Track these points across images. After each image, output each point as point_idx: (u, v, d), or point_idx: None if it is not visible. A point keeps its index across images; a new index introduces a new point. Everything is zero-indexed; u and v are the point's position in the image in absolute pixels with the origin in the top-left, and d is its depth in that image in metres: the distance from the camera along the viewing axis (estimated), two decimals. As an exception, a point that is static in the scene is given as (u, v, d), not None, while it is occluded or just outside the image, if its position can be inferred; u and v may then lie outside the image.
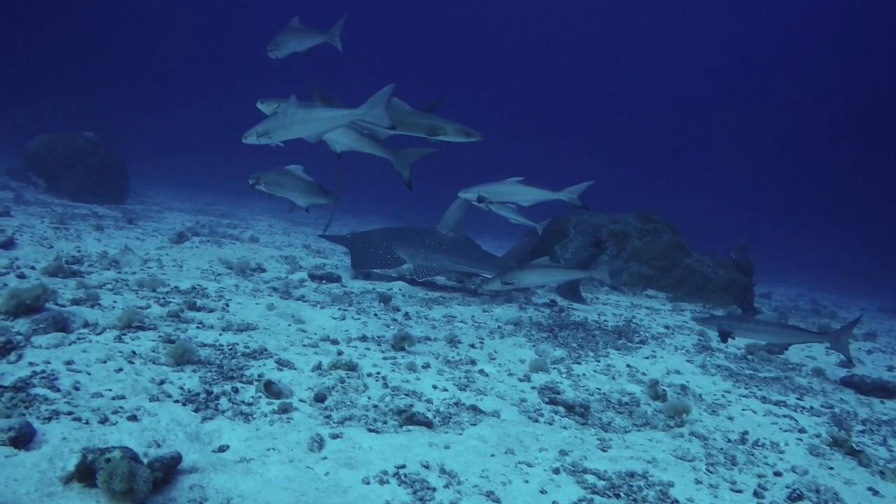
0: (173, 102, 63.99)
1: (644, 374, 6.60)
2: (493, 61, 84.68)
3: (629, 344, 7.86)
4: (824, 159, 73.63)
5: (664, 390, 5.88)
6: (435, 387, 5.17)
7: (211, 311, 6.50)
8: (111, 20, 69.72)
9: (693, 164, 78.33)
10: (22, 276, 6.69)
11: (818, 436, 5.30)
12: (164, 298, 6.65)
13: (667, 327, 9.33)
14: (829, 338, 6.97)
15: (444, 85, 78.93)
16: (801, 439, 5.18)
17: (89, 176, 17.27)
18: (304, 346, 5.78)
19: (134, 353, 4.85)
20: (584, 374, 6.28)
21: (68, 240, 9.54)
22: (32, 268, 7.36)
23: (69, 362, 4.41)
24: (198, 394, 4.31)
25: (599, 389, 5.86)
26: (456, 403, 4.87)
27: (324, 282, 9.16)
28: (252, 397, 4.43)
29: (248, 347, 5.42)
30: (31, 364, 4.30)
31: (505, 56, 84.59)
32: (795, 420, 5.63)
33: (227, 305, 6.82)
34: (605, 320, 9.21)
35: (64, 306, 5.76)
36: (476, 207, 8.26)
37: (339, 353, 5.67)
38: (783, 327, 7.06)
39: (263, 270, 9.60)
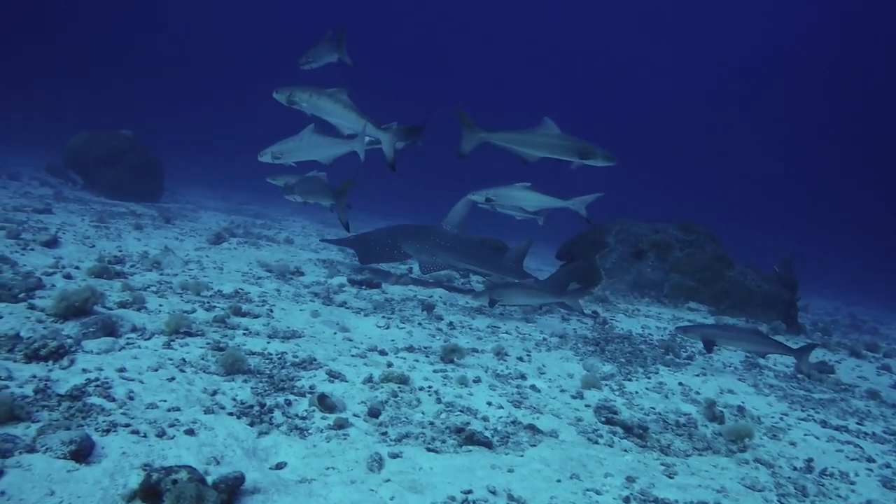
0: (204, 101, 64.50)
1: (698, 392, 6.39)
2: (510, 64, 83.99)
3: (677, 360, 7.64)
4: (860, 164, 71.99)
5: (721, 412, 5.67)
6: (490, 403, 5.01)
7: (256, 316, 6.41)
8: (144, 20, 70.79)
9: (717, 171, 77.11)
10: (68, 277, 6.64)
11: (888, 466, 5.07)
12: (208, 302, 6.57)
13: (712, 342, 9.07)
14: (796, 354, 7.11)
15: (455, 85, 78.59)
16: (870, 469, 4.95)
17: (126, 174, 17.35)
18: (352, 356, 5.66)
19: (184, 360, 4.76)
20: (636, 392, 6.09)
21: (109, 239, 9.53)
22: (77, 268, 7.33)
23: (121, 370, 4.32)
24: (251, 406, 4.20)
25: (654, 409, 5.66)
26: (513, 422, 4.71)
27: (364, 287, 9.05)
28: (306, 411, 4.31)
29: (296, 357, 5.31)
30: (84, 371, 4.21)
31: (519, 57, 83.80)
32: (861, 448, 5.40)
33: (272, 311, 6.73)
34: (650, 334, 9.00)
35: (111, 309, 5.70)
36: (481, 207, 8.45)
37: (389, 364, 5.54)
38: (760, 337, 7.21)
39: (302, 274, 9.52)
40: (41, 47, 60.23)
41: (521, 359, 6.57)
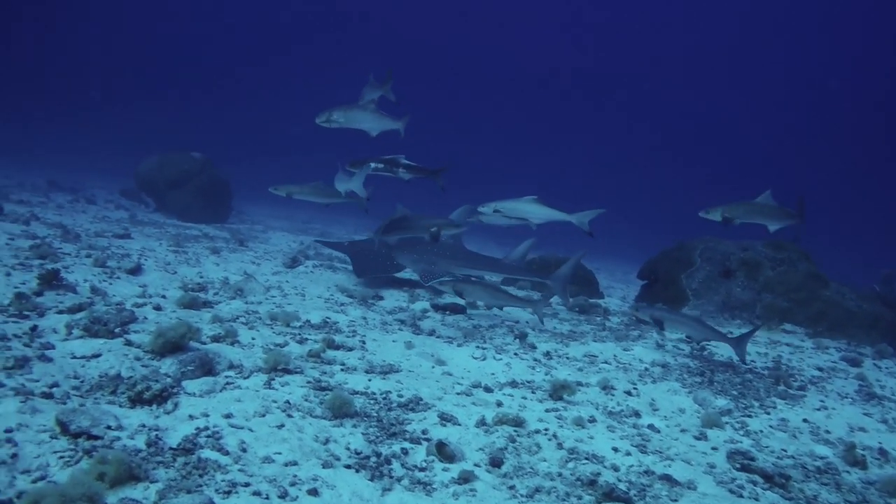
0: (265, 119, 65.66)
1: (827, 431, 5.84)
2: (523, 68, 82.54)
3: (790, 391, 7.08)
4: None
5: (862, 455, 5.14)
6: (616, 449, 4.60)
7: (350, 349, 6.13)
8: (208, 42, 72.88)
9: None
10: (158, 309, 6.50)
11: None
12: (299, 334, 6.33)
13: (819, 369, 8.46)
14: (732, 342, 7.72)
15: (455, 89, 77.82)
16: None
17: (196, 196, 17.53)
18: (457, 394, 5.32)
19: (288, 403, 4.49)
20: (761, 431, 5.58)
21: (189, 265, 9.44)
22: (164, 297, 7.21)
23: (228, 416, 4.07)
24: (367, 456, 3.89)
25: (786, 451, 5.16)
26: (646, 472, 4.29)
27: (448, 313, 8.73)
28: (424, 461, 3.98)
29: (401, 396, 5.00)
30: (191, 417, 3.98)
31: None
32: None
33: (364, 343, 6.45)
34: (752, 360, 8.42)
35: (204, 343, 5.49)
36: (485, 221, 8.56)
37: (499, 403, 5.18)
38: (701, 324, 7.76)
39: (381, 298, 9.26)
40: (105, 73, 62.72)
41: (629, 393, 6.14)
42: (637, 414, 5.54)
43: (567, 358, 7.19)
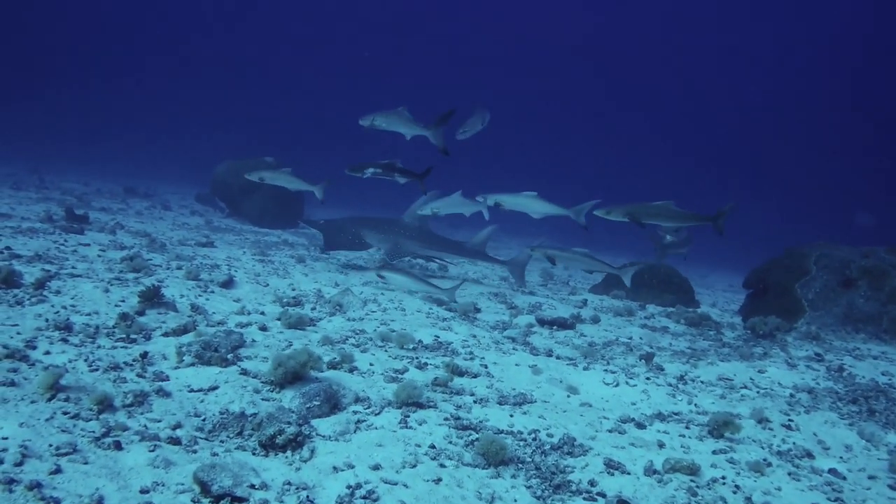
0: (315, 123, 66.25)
1: None
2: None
3: (957, 421, 6.24)
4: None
5: None
6: (816, 507, 3.92)
7: (475, 376, 5.58)
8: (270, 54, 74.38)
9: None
10: (264, 329, 6.06)
11: None
12: (416, 358, 5.80)
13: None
14: (621, 270, 8.93)
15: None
16: None
17: (270, 201, 17.25)
18: (609, 431, 4.70)
19: (433, 447, 3.94)
20: (957, 476, 4.81)
21: (279, 275, 9.04)
22: (262, 313, 6.79)
23: (376, 467, 3.55)
24: (542, 518, 3.32)
25: None
26: (864, 538, 3.61)
27: (555, 328, 8.12)
28: (606, 523, 3.38)
29: (551, 436, 4.41)
30: (335, 469, 3.47)
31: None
32: None
33: (487, 367, 5.89)
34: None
35: (321, 370, 5.01)
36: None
37: (660, 445, 4.54)
38: (589, 258, 8.74)
39: (479, 310, 8.70)
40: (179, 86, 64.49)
41: (788, 427, 5.41)
42: (809, 454, 4.83)
43: (702, 382, 6.49)
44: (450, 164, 9.83)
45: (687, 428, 5.01)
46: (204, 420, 3.96)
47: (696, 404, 5.69)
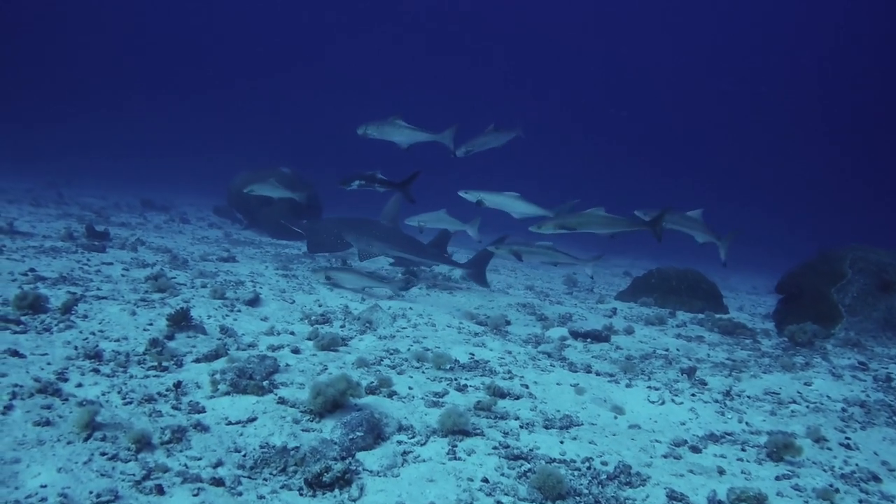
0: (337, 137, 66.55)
1: None
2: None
3: None
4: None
5: None
6: (897, 540, 3.69)
7: (517, 397, 5.38)
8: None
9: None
10: (297, 352, 5.89)
11: None
12: (454, 379, 5.61)
13: None
14: (585, 262, 9.69)
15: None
16: None
17: (286, 212, 17.14)
18: (663, 457, 4.49)
19: (486, 481, 3.75)
20: None
21: (304, 291, 8.88)
22: (291, 333, 6.63)
23: (431, 506, 3.35)
24: (610, 561, 3.11)
25: None
26: (953, 576, 3.38)
27: (590, 340, 7.91)
28: (678, 565, 3.17)
29: (605, 464, 4.20)
30: (388, 510, 3.28)
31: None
32: None
33: (527, 387, 5.69)
34: (947, 391, 7.30)
35: (360, 396, 4.82)
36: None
37: (720, 471, 4.32)
38: (553, 252, 9.37)
39: (509, 322, 8.51)
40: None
41: (846, 446, 5.17)
42: (875, 478, 4.58)
43: (748, 398, 6.26)
44: (461, 167, 10.09)
45: (743, 450, 4.78)
46: (245, 456, 3.78)
47: (747, 423, 5.46)
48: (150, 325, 6.06)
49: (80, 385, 4.39)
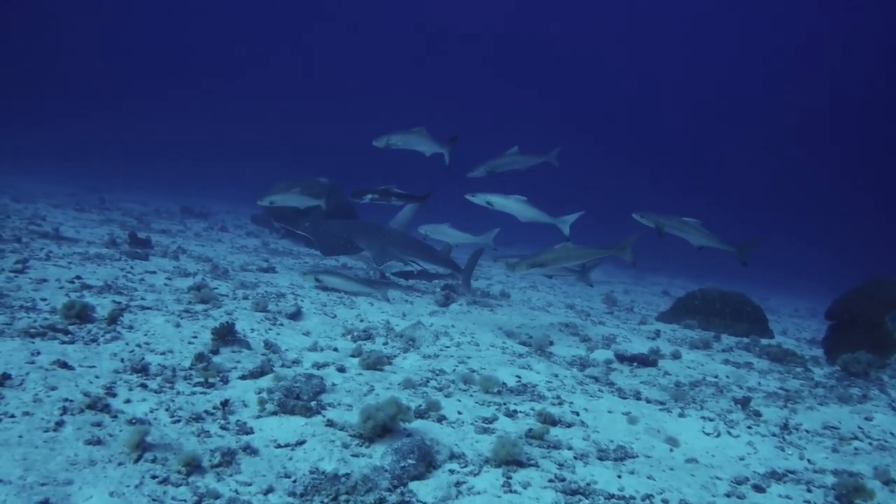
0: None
1: None
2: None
3: None
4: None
5: None
6: None
7: (568, 425, 5.21)
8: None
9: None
10: (342, 371, 5.78)
11: None
12: (503, 404, 5.45)
13: None
14: (580, 273, 9.37)
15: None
16: None
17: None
18: (726, 496, 4.28)
19: (546, 517, 3.59)
20: None
21: (345, 305, 8.80)
22: (335, 349, 6.54)
23: (491, 545, 3.20)
24: None
25: None
26: None
27: (636, 364, 7.70)
28: None
29: (665, 501, 4.02)
30: (446, 547, 3.13)
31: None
32: None
33: (578, 414, 5.51)
34: None
35: (410, 421, 4.69)
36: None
37: (789, 515, 4.11)
38: (564, 268, 8.91)
39: (552, 343, 8.32)
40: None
41: (917, 490, 4.92)
42: (953, 526, 4.34)
43: (807, 432, 6.00)
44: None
45: (809, 491, 4.55)
46: (295, 482, 3.67)
47: (808, 460, 5.22)
48: (195, 337, 6.01)
49: (128, 401, 4.33)
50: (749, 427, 5.84)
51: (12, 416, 3.77)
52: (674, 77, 76.66)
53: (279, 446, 4.07)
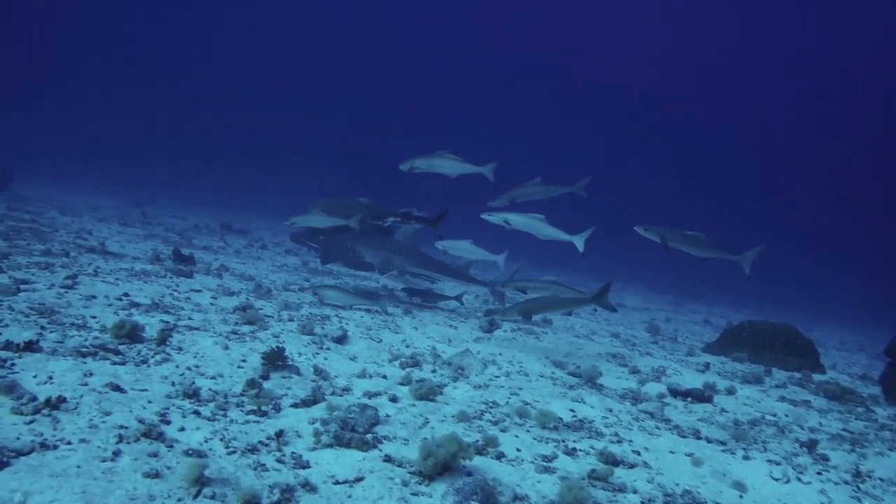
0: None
1: None
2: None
3: None
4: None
5: None
6: None
7: (631, 466, 4.98)
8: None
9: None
10: (395, 401, 5.62)
11: None
12: (562, 441, 5.24)
13: None
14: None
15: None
16: None
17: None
18: (808, 552, 4.03)
19: (621, 571, 3.38)
20: None
21: (390, 329, 8.67)
22: (383, 376, 6.39)
23: None
24: None
25: None
26: None
27: (690, 400, 7.43)
28: None
29: (745, 557, 3.77)
30: None
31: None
32: None
33: (639, 454, 5.27)
34: None
35: (470, 458, 4.50)
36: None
37: (878, 576, 3.84)
38: (558, 285, 8.74)
39: (601, 374, 8.07)
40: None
41: None
42: None
43: (881, 480, 5.68)
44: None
45: (893, 548, 4.27)
46: (356, 523, 3.50)
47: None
48: (244, 361, 5.91)
49: (182, 429, 4.22)
50: (819, 473, 5.55)
51: (69, 442, 3.67)
52: (737, 122, 76.57)
53: (337, 482, 3.91)
